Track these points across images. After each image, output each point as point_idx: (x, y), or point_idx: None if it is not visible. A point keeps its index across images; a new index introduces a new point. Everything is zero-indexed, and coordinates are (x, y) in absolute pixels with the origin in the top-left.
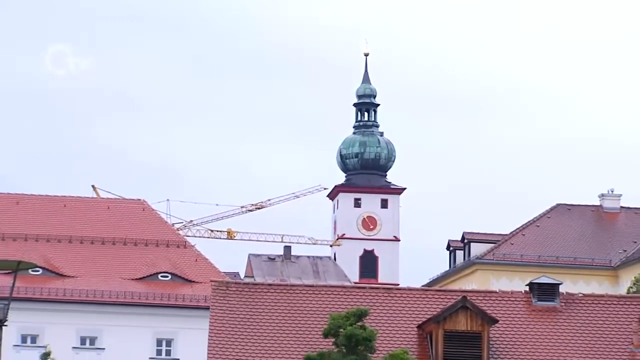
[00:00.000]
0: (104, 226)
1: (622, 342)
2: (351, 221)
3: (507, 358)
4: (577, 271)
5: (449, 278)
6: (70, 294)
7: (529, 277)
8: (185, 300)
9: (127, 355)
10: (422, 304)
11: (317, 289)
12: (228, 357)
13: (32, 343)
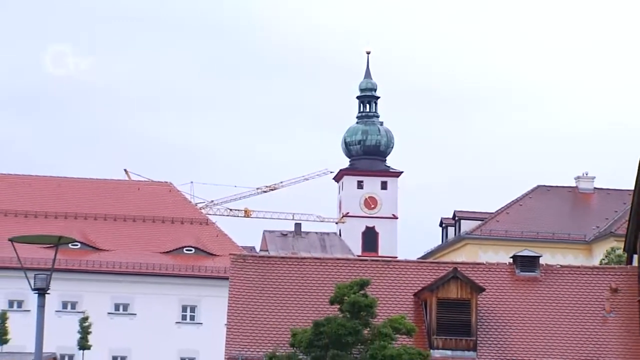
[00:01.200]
0: (134, 205)
1: (595, 308)
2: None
3: (493, 322)
4: (556, 245)
5: (442, 251)
6: (105, 265)
7: (513, 250)
8: (207, 271)
9: (155, 320)
10: (417, 274)
11: (324, 261)
12: (245, 321)
13: (71, 309)
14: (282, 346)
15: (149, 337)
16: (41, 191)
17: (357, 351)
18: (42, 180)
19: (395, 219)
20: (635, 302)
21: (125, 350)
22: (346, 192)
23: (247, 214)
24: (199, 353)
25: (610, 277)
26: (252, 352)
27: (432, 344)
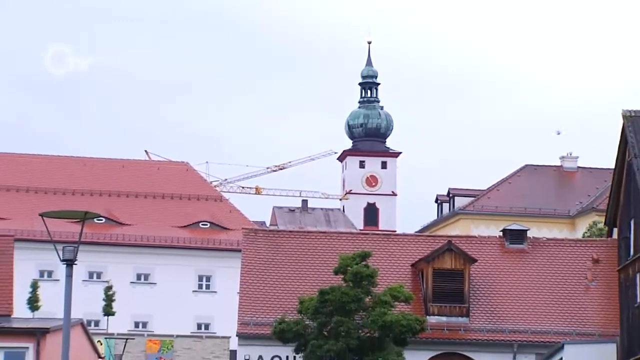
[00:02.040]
0: (154, 184)
1: (578, 277)
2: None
3: (484, 291)
4: (542, 219)
5: (437, 226)
6: (128, 238)
7: (502, 224)
8: (221, 244)
9: (174, 288)
10: (414, 247)
11: (329, 235)
12: (256, 290)
13: (97, 279)
14: (290, 313)
15: (167, 304)
16: (69, 171)
17: (359, 317)
18: (70, 160)
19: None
20: (614, 271)
21: (146, 316)
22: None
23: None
24: (213, 319)
25: (592, 249)
26: (263, 318)
27: (428, 311)
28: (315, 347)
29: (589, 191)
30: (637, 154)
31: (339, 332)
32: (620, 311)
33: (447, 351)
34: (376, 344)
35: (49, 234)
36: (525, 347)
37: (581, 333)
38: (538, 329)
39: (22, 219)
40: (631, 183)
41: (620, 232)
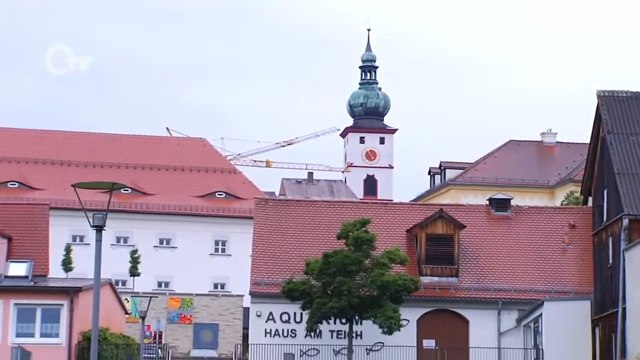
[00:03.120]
0: (175, 157)
1: (557, 241)
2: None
3: (472, 254)
4: (524, 189)
5: (430, 195)
6: (151, 207)
7: (489, 194)
8: (235, 212)
9: (193, 251)
10: (409, 214)
11: (332, 203)
12: (266, 253)
13: (123, 243)
14: (297, 274)
15: (187, 266)
16: (98, 146)
17: (359, 278)
18: (99, 137)
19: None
20: (589, 236)
21: (168, 276)
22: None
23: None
24: (228, 279)
25: (569, 215)
26: (273, 279)
27: (421, 272)
28: (320, 305)
29: (567, 164)
30: (610, 130)
31: (342, 291)
32: (594, 271)
33: (439, 308)
34: (375, 301)
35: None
36: (508, 304)
37: (559, 291)
38: (520, 287)
39: (56, 190)
40: (605, 156)
41: (595, 201)
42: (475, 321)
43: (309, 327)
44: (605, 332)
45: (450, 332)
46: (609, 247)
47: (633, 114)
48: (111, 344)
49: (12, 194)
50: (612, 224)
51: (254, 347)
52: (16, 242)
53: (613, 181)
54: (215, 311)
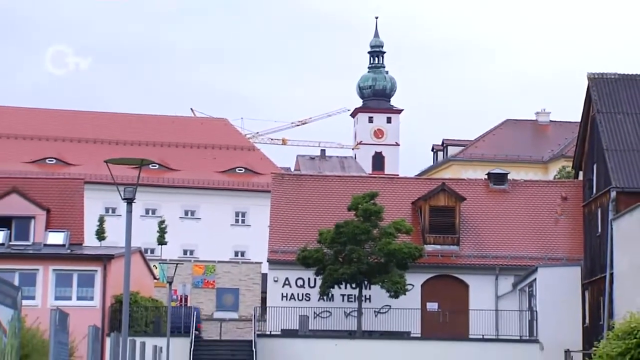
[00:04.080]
0: (198, 136)
1: (550, 212)
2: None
3: (472, 224)
4: (520, 164)
5: (433, 170)
6: (177, 181)
7: (487, 169)
8: (254, 186)
9: (215, 222)
10: (414, 188)
11: (343, 178)
12: (283, 223)
13: (152, 214)
14: (311, 243)
15: (210, 235)
16: (129, 125)
17: (368, 246)
18: (130, 117)
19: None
20: (580, 207)
21: (193, 245)
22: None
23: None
24: (248, 247)
25: (561, 188)
26: (289, 247)
27: (425, 240)
28: (332, 271)
29: (560, 141)
30: (600, 109)
31: (352, 258)
32: (584, 240)
33: (441, 274)
34: (382, 268)
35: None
36: (505, 270)
37: (552, 258)
38: (516, 254)
39: (91, 165)
40: (594, 134)
41: (585, 175)
42: (475, 285)
43: (322, 291)
44: (594, 296)
45: (451, 296)
46: (598, 218)
47: (621, 94)
48: (141, 307)
49: (50, 169)
50: (601, 196)
51: (272, 309)
52: (54, 213)
53: (602, 157)
54: (236, 277)
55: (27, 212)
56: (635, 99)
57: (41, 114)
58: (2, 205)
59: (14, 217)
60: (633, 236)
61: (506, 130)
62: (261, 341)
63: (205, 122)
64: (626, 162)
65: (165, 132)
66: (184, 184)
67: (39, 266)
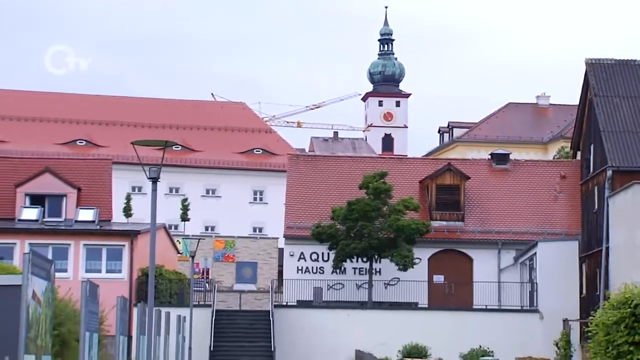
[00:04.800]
0: (219, 119)
1: (549, 190)
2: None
3: (475, 201)
4: (521, 145)
5: (439, 151)
6: (199, 162)
7: (490, 149)
8: (271, 166)
9: (234, 200)
10: (421, 167)
11: (355, 158)
12: (298, 201)
13: (175, 193)
14: (325, 219)
15: (230, 212)
16: (154, 109)
17: (378, 222)
18: (154, 101)
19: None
20: (577, 185)
21: (214, 221)
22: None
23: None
24: (265, 224)
25: (560, 168)
26: (304, 223)
27: (432, 217)
28: (344, 246)
29: (559, 123)
30: (597, 93)
31: (363, 234)
32: (582, 216)
33: (447, 248)
34: (392, 243)
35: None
36: (507, 244)
37: (551, 233)
38: (518, 230)
39: (118, 147)
40: (592, 116)
41: (583, 155)
42: (479, 259)
43: (335, 265)
44: (591, 268)
45: (456, 269)
46: (594, 195)
47: (617, 79)
48: (166, 279)
49: (80, 150)
50: (598, 175)
51: (288, 282)
52: (84, 192)
53: (599, 138)
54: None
55: (59, 191)
56: (630, 83)
57: (72, 98)
58: (36, 184)
59: (47, 195)
60: (627, 212)
61: (508, 113)
62: (278, 311)
63: (224, 106)
64: (621, 142)
65: (188, 116)
66: (205, 164)
67: (71, 241)
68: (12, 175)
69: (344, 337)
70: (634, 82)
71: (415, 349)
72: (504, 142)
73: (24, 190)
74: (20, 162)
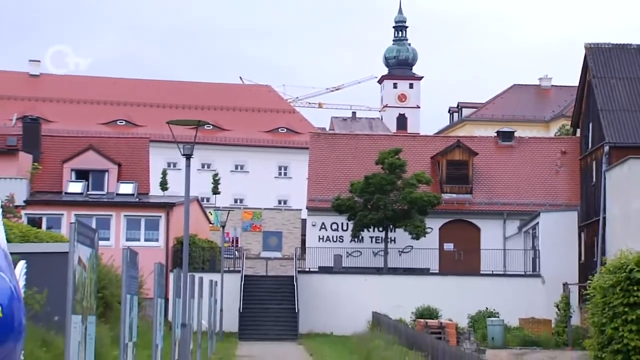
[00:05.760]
0: (247, 100)
1: (551, 164)
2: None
3: (483, 175)
4: (525, 124)
5: (449, 129)
6: (229, 140)
7: (497, 127)
8: (294, 144)
9: (261, 175)
10: (433, 144)
11: (372, 136)
12: (319, 176)
13: (207, 168)
14: (344, 192)
15: (257, 186)
16: (187, 92)
17: (393, 195)
18: (188, 85)
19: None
20: (577, 160)
21: (242, 194)
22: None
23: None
24: (289, 197)
25: (561, 144)
26: (325, 196)
27: (442, 190)
28: (362, 217)
29: (560, 103)
30: (595, 75)
31: (379, 205)
32: (581, 188)
33: (456, 219)
34: (405, 214)
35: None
36: (512, 215)
37: (552, 204)
38: (521, 201)
39: (155, 126)
40: (590, 96)
41: (582, 132)
42: (485, 228)
43: (353, 234)
44: (589, 236)
45: (465, 237)
46: (592, 169)
47: (614, 62)
48: (199, 247)
49: (120, 129)
50: (596, 151)
51: (310, 249)
52: (124, 167)
53: (597, 116)
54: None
55: (101, 167)
56: (626, 65)
57: (113, 82)
58: (80, 161)
59: (91, 170)
60: (623, 185)
61: (513, 94)
62: (301, 276)
63: (252, 88)
64: (618, 120)
65: (219, 98)
66: (235, 142)
67: (112, 212)
68: (60, 153)
69: (362, 300)
70: (629, 65)
71: (427, 310)
72: (509, 121)
73: (70, 166)
74: (67, 141)
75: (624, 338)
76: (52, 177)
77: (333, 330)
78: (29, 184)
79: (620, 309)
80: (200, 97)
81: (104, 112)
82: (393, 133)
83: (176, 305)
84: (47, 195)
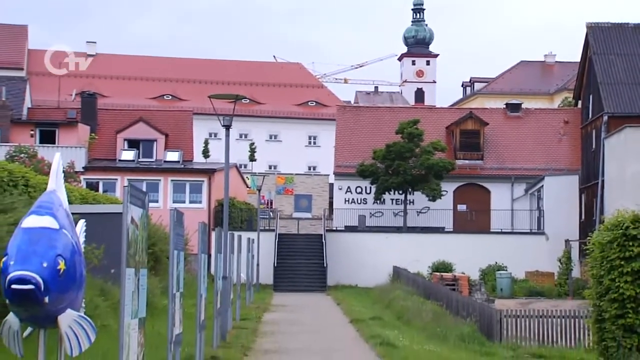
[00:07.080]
0: (280, 77)
1: (554, 133)
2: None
3: (493, 143)
4: (532, 96)
5: (462, 102)
6: (264, 112)
7: (506, 100)
8: (323, 116)
9: (293, 144)
10: (448, 115)
11: (393, 109)
12: (345, 145)
13: (244, 138)
14: (367, 159)
15: (289, 154)
16: (227, 69)
17: (412, 161)
18: (228, 63)
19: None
20: (578, 129)
21: (276, 161)
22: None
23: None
24: (319, 163)
25: (564, 114)
26: (350, 163)
27: (456, 156)
28: (384, 181)
29: (563, 77)
30: (595, 51)
31: (399, 171)
32: (582, 154)
33: (469, 182)
34: (423, 178)
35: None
36: (519, 179)
37: (556, 169)
38: (528, 167)
39: (198, 100)
40: (591, 71)
41: (583, 103)
42: (495, 191)
43: (376, 196)
44: (589, 197)
45: (477, 199)
46: (592, 137)
47: (613, 39)
48: (237, 208)
49: (167, 103)
50: (595, 120)
51: (337, 211)
52: (171, 137)
53: (597, 89)
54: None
55: (150, 136)
56: (624, 42)
57: (161, 61)
58: (132, 131)
59: (141, 140)
60: (620, 151)
61: (520, 69)
62: (329, 235)
63: (284, 66)
64: (616, 92)
65: (255, 74)
66: (269, 114)
67: (161, 177)
68: (114, 124)
69: (384, 256)
70: (627, 42)
71: (442, 265)
72: (516, 94)
73: (123, 136)
74: (120, 114)
75: (620, 288)
76: (107, 146)
77: (358, 283)
78: (87, 152)
79: (617, 262)
80: (239, 74)
81: (152, 87)
82: (411, 105)
83: (218, 260)
84: (103, 162)
